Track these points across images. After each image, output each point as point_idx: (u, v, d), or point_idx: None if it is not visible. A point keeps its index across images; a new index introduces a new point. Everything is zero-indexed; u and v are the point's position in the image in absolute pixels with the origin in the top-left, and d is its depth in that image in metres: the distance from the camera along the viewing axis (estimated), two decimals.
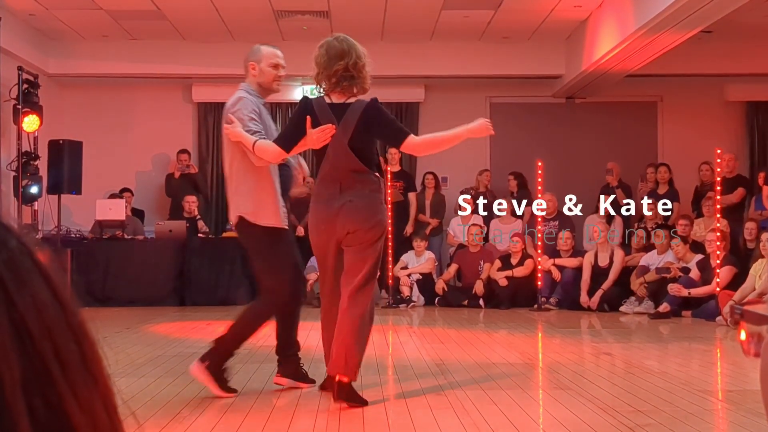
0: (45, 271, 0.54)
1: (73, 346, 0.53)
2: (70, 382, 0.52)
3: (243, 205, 5.55)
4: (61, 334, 0.52)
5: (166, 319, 10.23)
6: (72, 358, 0.52)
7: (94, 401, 0.53)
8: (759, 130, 14.40)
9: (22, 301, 0.51)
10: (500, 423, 4.73)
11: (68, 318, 0.53)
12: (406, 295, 12.19)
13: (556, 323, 10.31)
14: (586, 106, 14.34)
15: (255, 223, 5.54)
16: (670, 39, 10.52)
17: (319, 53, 5.58)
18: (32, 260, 0.53)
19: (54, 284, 0.54)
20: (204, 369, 5.46)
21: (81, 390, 0.52)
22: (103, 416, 0.53)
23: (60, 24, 12.55)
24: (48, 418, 0.50)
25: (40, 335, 0.51)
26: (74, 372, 0.52)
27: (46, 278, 0.54)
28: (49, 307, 0.53)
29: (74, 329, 0.53)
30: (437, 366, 6.78)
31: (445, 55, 13.56)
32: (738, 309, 0.88)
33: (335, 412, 5.03)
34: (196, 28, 12.75)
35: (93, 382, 0.53)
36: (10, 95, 11.49)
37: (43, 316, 0.52)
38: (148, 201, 14.05)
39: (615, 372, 6.88)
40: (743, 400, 5.32)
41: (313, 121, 5.35)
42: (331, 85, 5.54)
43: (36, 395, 0.50)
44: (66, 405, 0.51)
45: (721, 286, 10.31)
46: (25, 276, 0.52)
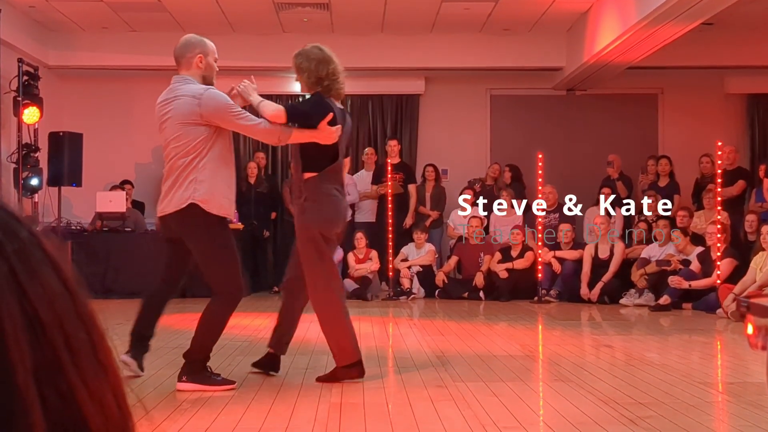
0: (55, 262, 0.54)
1: (84, 336, 0.53)
2: (81, 371, 0.52)
3: (197, 192, 5.44)
4: (72, 324, 0.53)
5: (166, 311, 10.21)
6: (82, 347, 0.53)
7: (104, 390, 0.53)
8: (759, 122, 14.39)
9: (33, 291, 0.51)
10: (501, 415, 4.73)
11: (78, 308, 0.54)
12: (406, 287, 12.20)
13: (556, 315, 10.31)
14: (586, 99, 14.32)
15: (209, 212, 5.47)
16: (671, 31, 10.51)
17: (298, 60, 5.84)
18: (42, 251, 0.54)
19: (64, 274, 0.54)
20: (187, 383, 5.47)
21: (91, 379, 0.53)
22: (113, 404, 0.54)
23: (60, 16, 12.54)
24: (59, 406, 0.51)
25: (51, 325, 0.51)
26: (84, 361, 0.53)
27: (57, 268, 0.54)
28: (60, 297, 0.53)
29: (84, 319, 0.54)
30: (438, 358, 6.78)
31: (445, 47, 13.54)
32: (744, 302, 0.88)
33: (336, 404, 5.04)
34: (196, 19, 12.72)
35: (103, 371, 0.54)
36: (11, 87, 11.48)
37: (54, 306, 0.52)
38: (149, 193, 14.04)
39: (615, 364, 6.88)
40: (743, 392, 5.33)
41: (332, 119, 5.59)
42: (326, 88, 5.68)
43: (47, 384, 0.50)
44: (77, 393, 0.52)
45: (721, 278, 10.32)
46: (36, 266, 0.53)
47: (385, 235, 12.26)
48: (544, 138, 13.67)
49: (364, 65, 12.60)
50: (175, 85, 5.58)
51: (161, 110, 5.55)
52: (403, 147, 13.95)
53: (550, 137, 13.86)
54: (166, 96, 5.58)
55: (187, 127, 5.43)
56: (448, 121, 14.36)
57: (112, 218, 12.22)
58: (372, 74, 13.20)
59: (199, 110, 5.42)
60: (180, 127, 5.45)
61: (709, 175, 12.34)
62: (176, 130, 5.46)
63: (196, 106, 5.42)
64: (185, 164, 5.44)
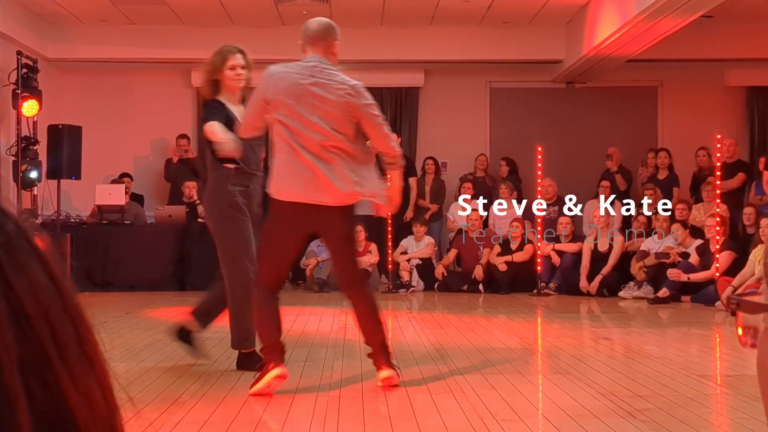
0: (42, 255, 0.54)
1: (70, 329, 0.53)
2: (67, 364, 0.52)
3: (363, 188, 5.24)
4: (58, 317, 0.53)
5: (165, 304, 10.24)
6: (69, 340, 0.53)
7: (90, 383, 0.53)
8: (759, 115, 14.37)
9: (19, 284, 0.51)
10: (499, 407, 4.74)
11: (65, 301, 0.54)
12: (405, 280, 12.20)
13: (555, 308, 10.32)
14: (586, 91, 14.31)
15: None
16: (671, 24, 10.49)
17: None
18: (29, 244, 0.54)
19: (51, 268, 0.54)
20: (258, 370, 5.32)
21: (77, 372, 0.53)
22: (100, 398, 0.54)
23: (59, 8, 12.52)
24: (45, 398, 0.51)
25: (36, 317, 0.51)
26: (71, 354, 0.53)
27: (43, 262, 0.54)
28: (46, 290, 0.53)
29: (71, 312, 0.54)
30: (437, 351, 6.79)
31: (444, 39, 13.53)
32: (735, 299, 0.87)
33: (335, 398, 5.04)
34: (195, 12, 12.71)
35: (89, 364, 0.54)
36: (9, 80, 11.47)
37: (40, 298, 0.52)
38: (148, 186, 14.04)
39: (614, 357, 6.89)
40: (742, 385, 5.33)
41: None
42: None
43: (33, 376, 0.50)
44: (63, 386, 0.52)
45: (720, 271, 10.32)
46: (23, 259, 0.53)
47: (384, 228, 12.26)
48: (543, 131, 13.67)
49: (363, 58, 12.58)
50: (322, 66, 5.21)
51: (314, 87, 5.16)
52: (403, 140, 13.93)
53: (549, 130, 13.86)
54: (315, 75, 5.19)
55: (345, 116, 5.15)
56: (448, 114, 14.36)
57: (112, 211, 12.23)
58: (371, 67, 13.18)
59: (355, 102, 5.16)
60: (339, 115, 5.14)
61: (707, 168, 12.34)
62: (334, 116, 5.14)
63: (353, 97, 5.17)
64: (341, 156, 5.17)
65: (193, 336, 6.01)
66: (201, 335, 6.02)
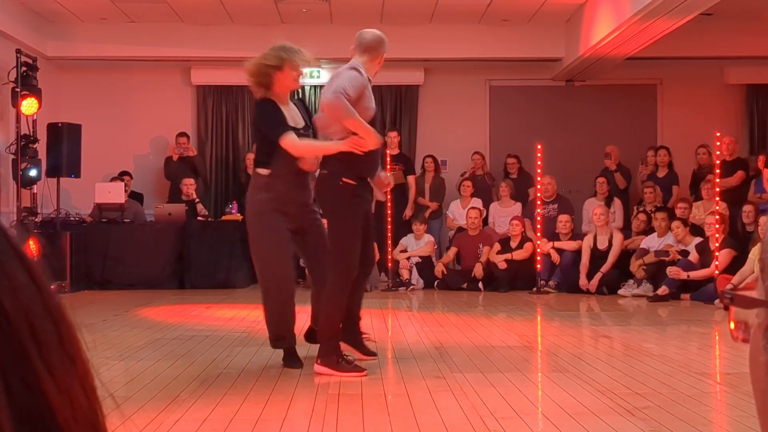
0: (22, 255, 0.54)
1: (50, 327, 0.53)
2: (47, 363, 0.52)
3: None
4: (38, 316, 0.52)
5: (165, 302, 10.24)
6: (49, 338, 0.52)
7: (71, 382, 0.53)
8: (759, 113, 14.37)
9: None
10: (499, 405, 4.74)
11: (45, 300, 0.53)
12: (405, 278, 12.20)
13: (555, 306, 10.31)
14: (585, 89, 14.31)
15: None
16: (665, 25, 10.49)
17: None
18: (9, 244, 0.53)
19: (31, 267, 0.53)
20: (321, 366, 5.67)
21: (58, 370, 0.52)
22: (81, 397, 0.53)
23: (58, 6, 12.51)
24: (25, 396, 0.50)
25: (16, 315, 0.51)
26: (51, 352, 0.52)
27: (24, 261, 0.53)
28: (26, 289, 0.52)
29: (51, 311, 0.53)
30: (436, 349, 6.79)
31: (444, 37, 13.52)
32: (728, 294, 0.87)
33: (334, 395, 5.04)
34: (194, 10, 12.70)
35: (71, 362, 0.53)
36: (9, 78, 11.46)
37: (20, 297, 0.52)
38: (147, 184, 14.04)
39: (613, 355, 6.89)
40: (741, 383, 5.33)
41: None
42: None
43: (13, 374, 0.50)
44: (43, 384, 0.51)
45: (719, 269, 10.31)
46: (2, 258, 0.52)
47: (384, 226, 12.25)
48: (542, 129, 13.66)
49: None
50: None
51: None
52: (403, 138, 13.93)
53: (548, 128, 13.85)
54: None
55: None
56: (448, 112, 14.35)
57: (111, 209, 12.22)
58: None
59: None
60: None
61: (707, 165, 12.34)
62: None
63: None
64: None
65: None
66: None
